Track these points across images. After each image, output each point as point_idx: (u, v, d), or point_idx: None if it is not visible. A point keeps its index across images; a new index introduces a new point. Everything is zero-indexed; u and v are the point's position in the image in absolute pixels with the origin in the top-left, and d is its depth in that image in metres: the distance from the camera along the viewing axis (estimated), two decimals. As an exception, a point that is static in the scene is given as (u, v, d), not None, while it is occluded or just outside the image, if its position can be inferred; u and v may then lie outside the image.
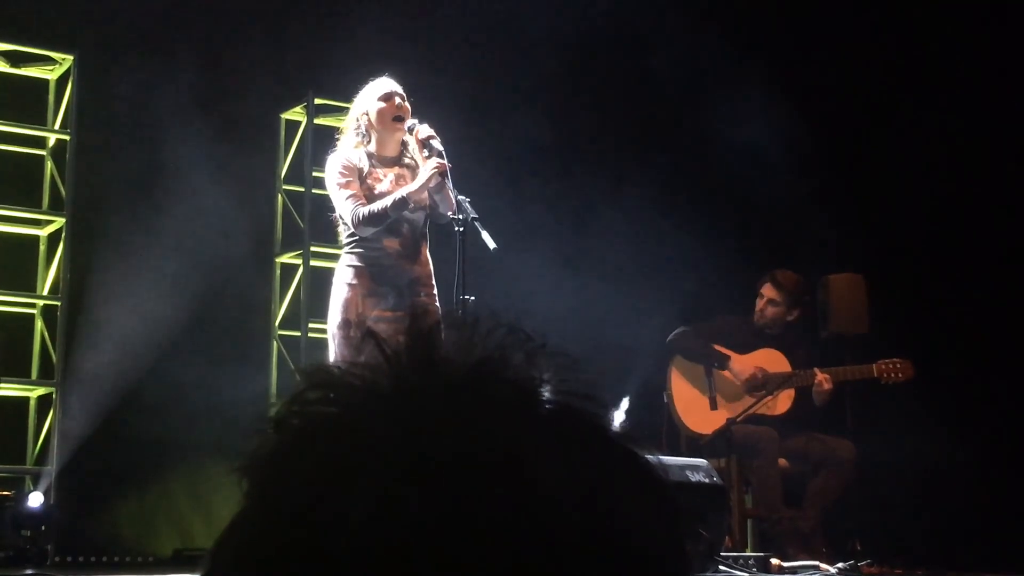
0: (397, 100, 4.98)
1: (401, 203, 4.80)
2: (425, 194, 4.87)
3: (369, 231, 4.85)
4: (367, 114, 4.99)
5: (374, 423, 0.63)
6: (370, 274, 4.87)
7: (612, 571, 0.60)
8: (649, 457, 0.67)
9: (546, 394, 0.65)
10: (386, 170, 4.99)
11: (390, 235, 4.89)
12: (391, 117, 4.96)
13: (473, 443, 0.61)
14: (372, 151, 4.99)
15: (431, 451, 0.60)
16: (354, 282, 4.86)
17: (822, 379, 6.14)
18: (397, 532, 0.58)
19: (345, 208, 4.86)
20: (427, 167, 4.82)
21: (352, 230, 4.88)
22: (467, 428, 0.61)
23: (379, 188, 4.92)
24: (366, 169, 4.95)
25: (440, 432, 0.61)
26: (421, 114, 5.02)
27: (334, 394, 0.65)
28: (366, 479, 0.60)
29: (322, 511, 0.59)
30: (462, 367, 0.64)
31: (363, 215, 4.81)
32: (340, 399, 0.64)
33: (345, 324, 4.81)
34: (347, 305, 4.84)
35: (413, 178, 4.98)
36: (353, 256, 4.91)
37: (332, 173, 4.96)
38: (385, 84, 5.02)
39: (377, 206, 4.82)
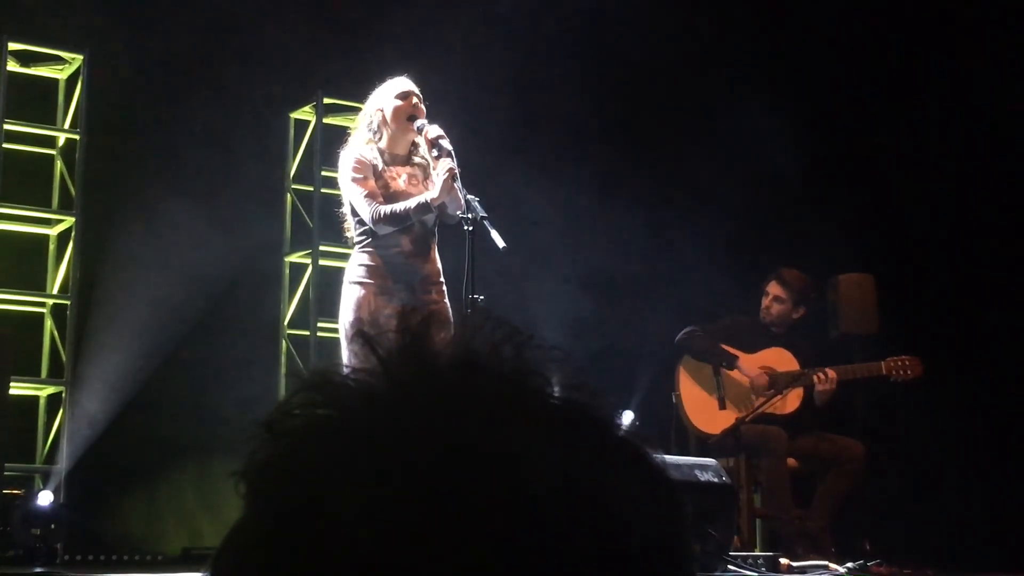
0: (414, 100, 4.98)
1: (424, 207, 4.80)
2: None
3: (387, 230, 4.85)
4: (382, 111, 4.99)
5: (366, 423, 0.63)
6: (384, 272, 4.86)
7: (609, 562, 0.60)
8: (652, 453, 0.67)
9: (537, 386, 0.65)
10: (399, 168, 5.00)
11: (403, 233, 4.89)
12: (406, 116, 4.96)
13: (462, 436, 0.61)
14: (383, 148, 5.00)
15: (421, 446, 0.60)
16: (367, 280, 4.86)
17: (817, 378, 6.14)
18: (389, 529, 0.58)
19: (363, 205, 4.85)
20: (440, 171, 4.82)
21: (366, 227, 4.87)
22: (457, 423, 0.61)
23: (394, 187, 4.92)
24: (380, 166, 4.95)
25: (430, 428, 0.61)
26: (430, 114, 5.03)
27: (328, 396, 0.65)
28: (358, 478, 0.60)
29: (315, 512, 0.60)
30: (452, 363, 0.65)
31: (384, 214, 4.81)
32: (333, 401, 0.65)
33: (358, 323, 4.79)
34: (360, 304, 4.83)
35: (424, 177, 4.99)
36: (366, 255, 4.90)
37: (346, 169, 4.95)
38: (403, 83, 5.02)
39: (400, 207, 4.81)
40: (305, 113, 7.35)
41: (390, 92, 5.00)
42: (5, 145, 6.43)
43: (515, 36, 7.51)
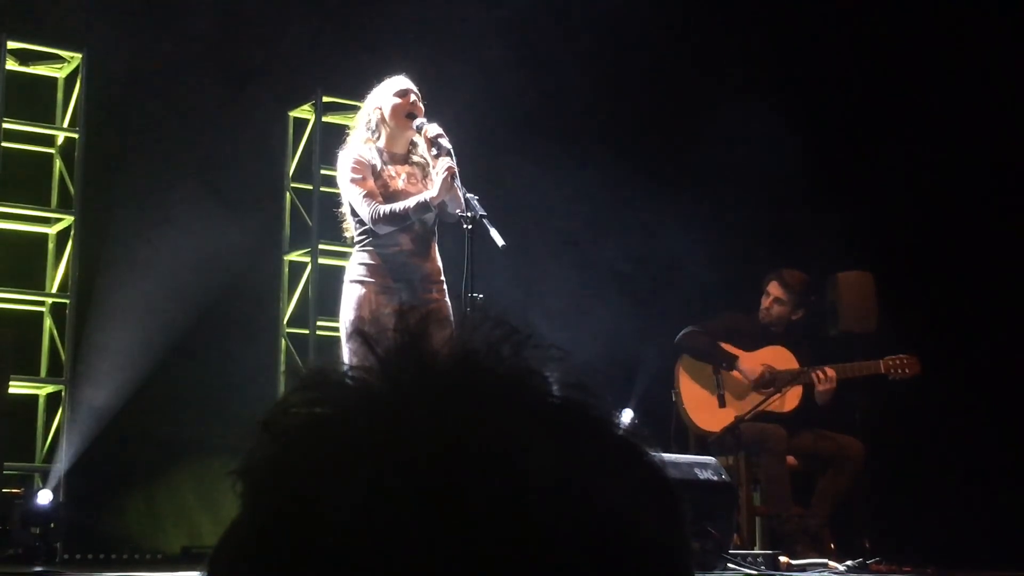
0: (412, 97, 4.98)
1: (423, 207, 4.80)
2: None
3: (387, 230, 4.84)
4: (380, 109, 4.99)
5: (363, 422, 0.63)
6: (384, 271, 4.86)
7: (607, 562, 0.60)
8: (651, 452, 0.67)
9: (535, 385, 0.65)
10: (398, 168, 4.99)
11: (403, 232, 4.89)
12: (404, 113, 4.95)
13: (460, 435, 0.60)
14: (382, 147, 4.99)
15: (419, 445, 0.60)
16: (368, 279, 4.85)
17: (817, 377, 6.14)
18: (385, 529, 0.58)
19: (362, 205, 4.85)
20: (439, 170, 4.81)
21: (367, 226, 4.87)
22: (455, 421, 0.61)
23: (393, 186, 4.91)
24: (379, 166, 4.94)
25: (428, 426, 0.61)
26: (430, 113, 5.02)
27: (325, 395, 0.65)
28: (355, 477, 0.60)
29: (312, 511, 0.60)
30: (450, 362, 0.64)
31: (383, 213, 4.80)
32: (331, 400, 0.64)
33: (358, 321, 4.78)
34: (360, 303, 4.83)
35: (423, 176, 4.99)
36: (366, 254, 4.90)
37: (344, 169, 4.95)
38: (401, 82, 5.02)
39: (399, 207, 4.81)
40: (304, 111, 7.35)
41: (388, 90, 5.00)
42: (4, 144, 6.43)
43: (516, 35, 7.50)
